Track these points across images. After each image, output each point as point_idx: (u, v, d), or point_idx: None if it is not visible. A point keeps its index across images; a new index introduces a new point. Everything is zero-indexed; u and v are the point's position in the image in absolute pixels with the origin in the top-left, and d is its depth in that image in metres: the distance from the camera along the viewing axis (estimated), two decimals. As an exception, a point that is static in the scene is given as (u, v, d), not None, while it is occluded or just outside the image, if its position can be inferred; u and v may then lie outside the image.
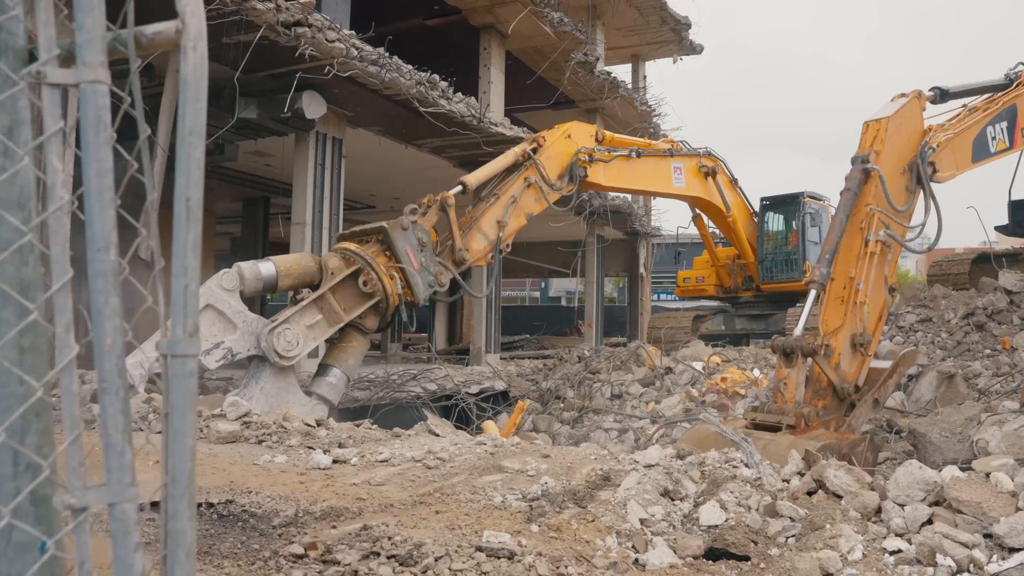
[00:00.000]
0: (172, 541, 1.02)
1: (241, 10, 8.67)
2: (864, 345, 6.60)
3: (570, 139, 10.13)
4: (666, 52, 22.51)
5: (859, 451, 5.96)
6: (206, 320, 6.96)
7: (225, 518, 3.74)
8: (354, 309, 7.78)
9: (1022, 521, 3.57)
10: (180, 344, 1.13)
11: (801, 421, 6.13)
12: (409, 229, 8.05)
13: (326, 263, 7.71)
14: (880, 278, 6.78)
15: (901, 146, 7.14)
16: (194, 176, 1.18)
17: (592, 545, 3.58)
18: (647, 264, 23.19)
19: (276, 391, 7.21)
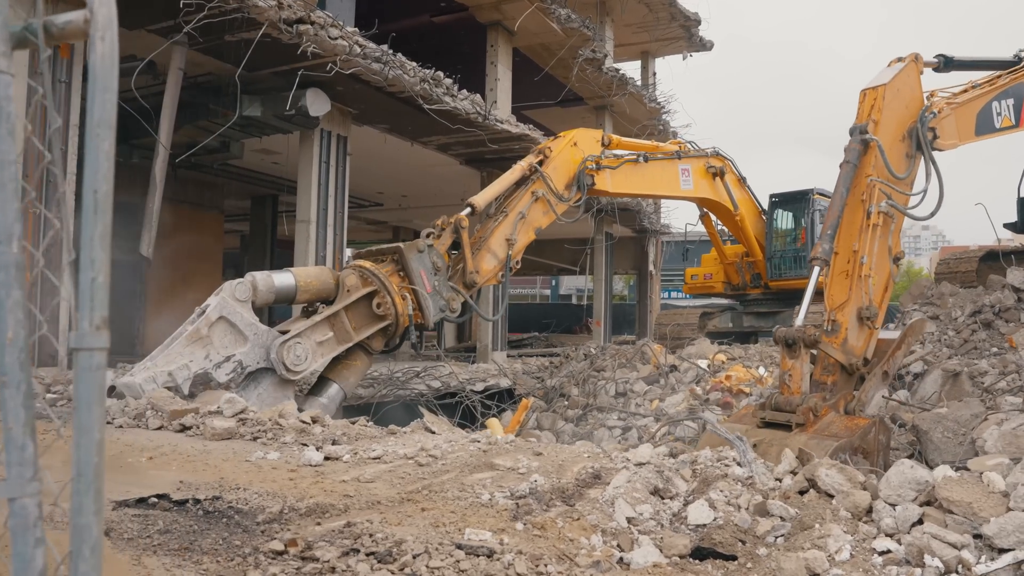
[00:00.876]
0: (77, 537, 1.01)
1: (243, 7, 8.69)
2: (871, 318, 6.56)
3: (576, 147, 10.10)
4: (676, 49, 22.40)
5: (870, 438, 5.92)
6: (218, 332, 7.01)
7: (211, 514, 3.74)
8: (364, 329, 7.81)
9: (1012, 521, 3.52)
10: (87, 338, 1.12)
11: (810, 416, 6.07)
12: (425, 252, 8.12)
13: (343, 280, 7.76)
14: (884, 249, 6.72)
15: (900, 113, 7.05)
16: (103, 168, 1.16)
17: (576, 544, 3.55)
18: (656, 262, 23.11)
19: (272, 400, 7.25)
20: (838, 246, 6.71)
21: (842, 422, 6.10)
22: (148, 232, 8.75)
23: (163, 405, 6.10)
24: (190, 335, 6.87)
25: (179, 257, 16.92)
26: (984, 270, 10.71)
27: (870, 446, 5.85)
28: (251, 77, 10.48)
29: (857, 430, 5.89)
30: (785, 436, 5.98)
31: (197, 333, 6.88)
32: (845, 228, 6.76)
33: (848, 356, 6.48)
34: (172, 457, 5.00)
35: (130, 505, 3.78)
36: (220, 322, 6.98)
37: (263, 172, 16.53)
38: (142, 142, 11.57)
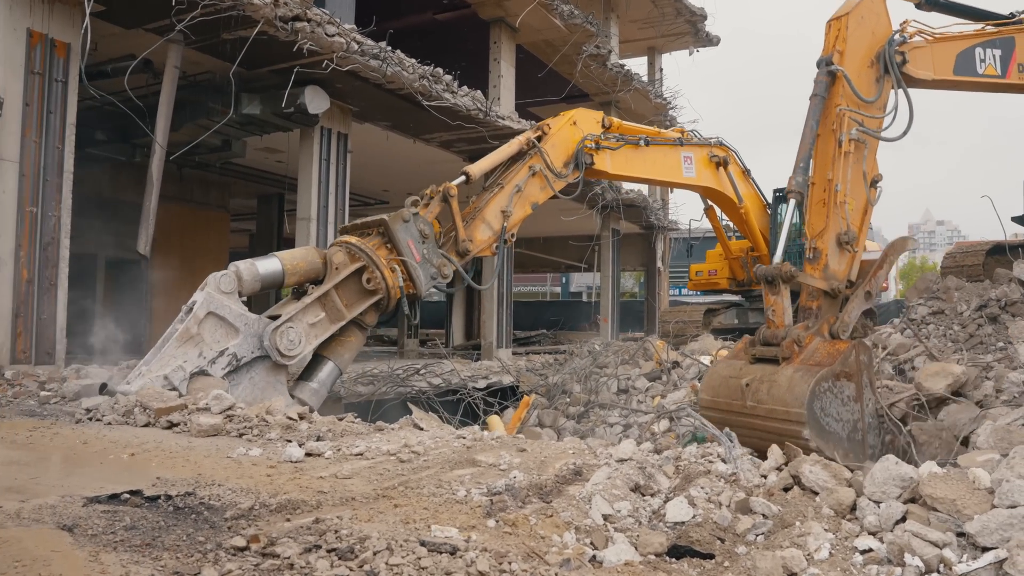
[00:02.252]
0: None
1: (238, 5, 8.67)
2: (850, 242, 6.77)
3: (575, 126, 9.99)
4: (682, 44, 22.27)
5: (851, 361, 6.14)
6: (208, 328, 6.95)
7: (181, 510, 3.71)
8: (356, 306, 7.76)
9: (995, 519, 3.43)
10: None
11: (794, 347, 6.30)
12: (410, 221, 7.99)
13: (331, 259, 7.68)
14: (858, 175, 6.86)
15: (866, 40, 7.11)
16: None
17: (547, 541, 3.49)
18: (665, 258, 22.99)
19: (264, 385, 7.21)
20: (814, 177, 6.88)
21: (825, 348, 6.30)
22: (145, 230, 8.75)
23: (151, 403, 6.08)
24: (180, 335, 6.81)
25: (185, 257, 16.97)
26: (991, 264, 10.55)
27: (852, 368, 6.08)
28: (250, 75, 10.47)
29: (838, 356, 6.09)
30: (774, 371, 6.23)
31: (187, 332, 6.82)
32: (819, 159, 6.90)
33: (830, 281, 6.69)
34: (154, 454, 4.98)
35: (101, 501, 3.75)
36: (209, 318, 6.92)
37: (268, 171, 16.55)
38: (144, 141, 11.58)
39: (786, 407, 5.95)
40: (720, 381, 6.65)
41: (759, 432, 6.16)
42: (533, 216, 21.58)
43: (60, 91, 8.31)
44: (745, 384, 6.30)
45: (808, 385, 5.83)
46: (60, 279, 8.28)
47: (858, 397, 6.12)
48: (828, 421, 5.96)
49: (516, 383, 13.38)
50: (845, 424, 6.05)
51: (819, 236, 6.76)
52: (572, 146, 9.77)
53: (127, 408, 6.13)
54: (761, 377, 6.22)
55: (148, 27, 9.23)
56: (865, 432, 6.17)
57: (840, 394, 6.04)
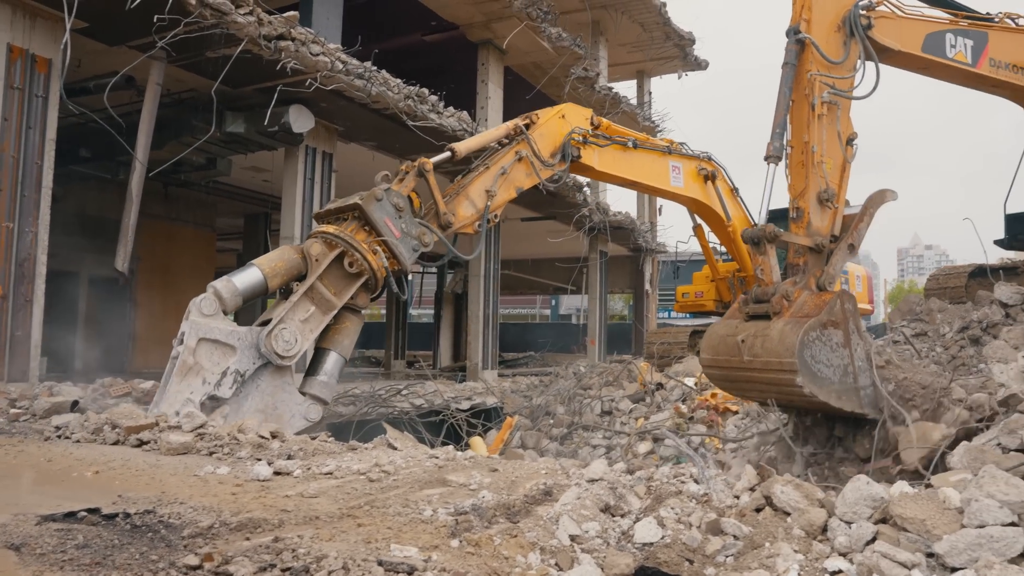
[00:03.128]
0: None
1: (221, 24, 8.68)
2: (830, 199, 7.05)
3: (564, 119, 9.98)
4: (671, 68, 22.44)
5: (837, 310, 6.46)
6: (204, 354, 6.89)
7: (138, 528, 3.63)
8: (345, 292, 7.72)
9: (964, 539, 3.38)
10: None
11: (783, 302, 6.65)
12: (384, 198, 7.89)
13: (308, 251, 7.61)
14: (833, 135, 7.13)
15: (833, 6, 7.34)
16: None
17: (511, 561, 3.43)
18: (653, 280, 22.99)
19: (272, 390, 7.21)
20: (792, 141, 7.19)
21: (812, 301, 6.65)
22: (124, 247, 8.69)
23: (121, 420, 5.99)
24: (179, 369, 6.75)
25: (170, 275, 16.90)
26: (973, 286, 10.58)
27: (838, 317, 6.41)
28: (234, 93, 10.47)
29: (824, 306, 6.43)
30: (767, 326, 6.56)
31: (185, 365, 6.76)
32: (795, 124, 7.19)
33: (814, 237, 6.99)
34: (120, 472, 4.89)
35: (56, 520, 3.67)
36: (201, 344, 6.85)
37: (255, 190, 16.54)
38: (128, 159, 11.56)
39: (779, 358, 6.28)
40: (718, 340, 6.98)
41: (758, 384, 6.63)
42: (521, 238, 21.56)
43: (40, 107, 8.28)
44: (740, 340, 6.63)
45: (797, 335, 6.15)
46: (36, 295, 8.20)
47: (846, 343, 6.42)
48: (819, 367, 6.26)
49: (500, 404, 13.30)
50: (836, 369, 6.36)
51: (800, 196, 7.07)
52: (559, 138, 9.77)
53: (97, 426, 6.04)
54: (755, 332, 6.55)
55: (131, 44, 9.22)
56: (856, 375, 6.44)
57: (828, 341, 6.35)
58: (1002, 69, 8.75)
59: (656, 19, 19.68)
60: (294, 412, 7.36)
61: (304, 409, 7.42)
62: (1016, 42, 8.90)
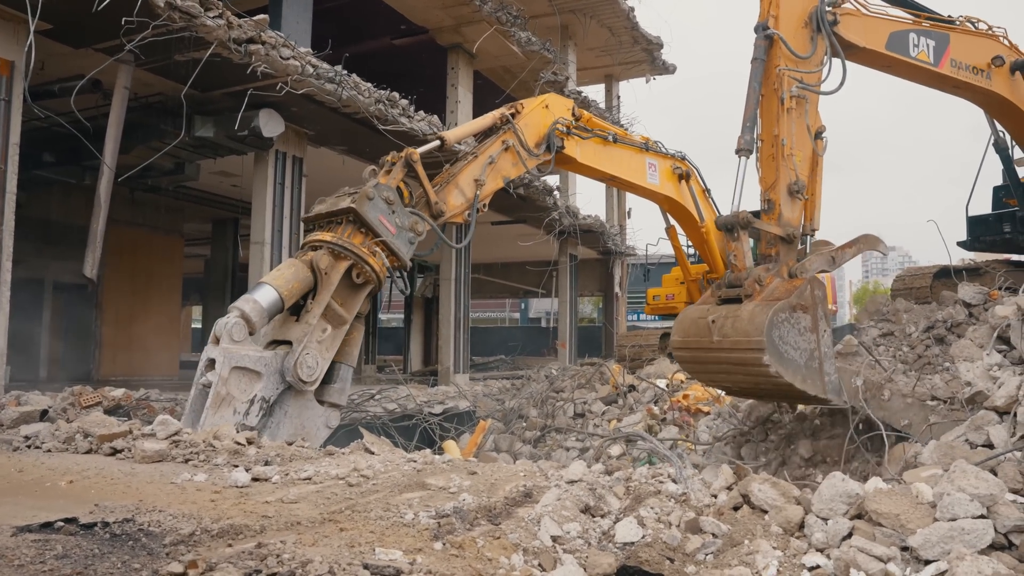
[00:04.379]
0: None
1: (190, 27, 8.60)
2: (800, 191, 7.19)
3: (548, 109, 10.00)
4: (639, 72, 22.62)
5: (807, 295, 6.58)
6: (234, 383, 6.75)
7: (118, 537, 3.59)
8: (353, 304, 7.63)
9: (936, 532, 3.47)
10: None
11: (755, 286, 6.76)
12: (375, 196, 7.77)
13: (317, 264, 7.43)
14: (802, 128, 7.26)
15: (799, 2, 7.49)
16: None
17: (495, 563, 3.45)
18: (622, 283, 23.14)
19: (298, 411, 7.14)
20: (762, 135, 7.32)
21: (783, 286, 6.80)
22: (92, 253, 8.56)
23: (93, 429, 5.91)
24: (213, 401, 6.59)
25: (137, 281, 16.66)
26: (937, 287, 10.81)
27: (807, 302, 6.55)
28: (204, 97, 10.37)
29: (795, 290, 6.58)
30: (738, 308, 6.65)
31: (219, 397, 6.61)
32: (765, 118, 7.32)
33: (785, 228, 7.11)
34: (95, 481, 4.82)
35: (32, 530, 3.61)
36: (233, 373, 6.71)
37: (223, 195, 16.37)
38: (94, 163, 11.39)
39: (747, 336, 6.38)
40: (689, 323, 7.08)
41: (725, 365, 6.75)
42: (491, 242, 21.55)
43: (3, 110, 8.13)
44: (711, 321, 6.72)
45: (767, 315, 6.27)
46: (1, 303, 8.05)
47: (814, 328, 6.54)
48: (786, 349, 6.37)
49: (473, 408, 13.29)
50: (802, 352, 6.46)
51: (771, 188, 7.20)
52: (543, 128, 9.80)
53: (68, 435, 5.95)
54: (726, 314, 6.65)
55: (97, 47, 9.10)
56: (822, 361, 6.56)
57: (797, 324, 6.46)
58: (963, 70, 8.98)
59: (624, 23, 19.85)
60: (318, 425, 7.33)
61: (325, 418, 7.40)
62: (976, 45, 9.14)
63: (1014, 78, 9.64)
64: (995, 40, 9.33)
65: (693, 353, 7.06)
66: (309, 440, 7.31)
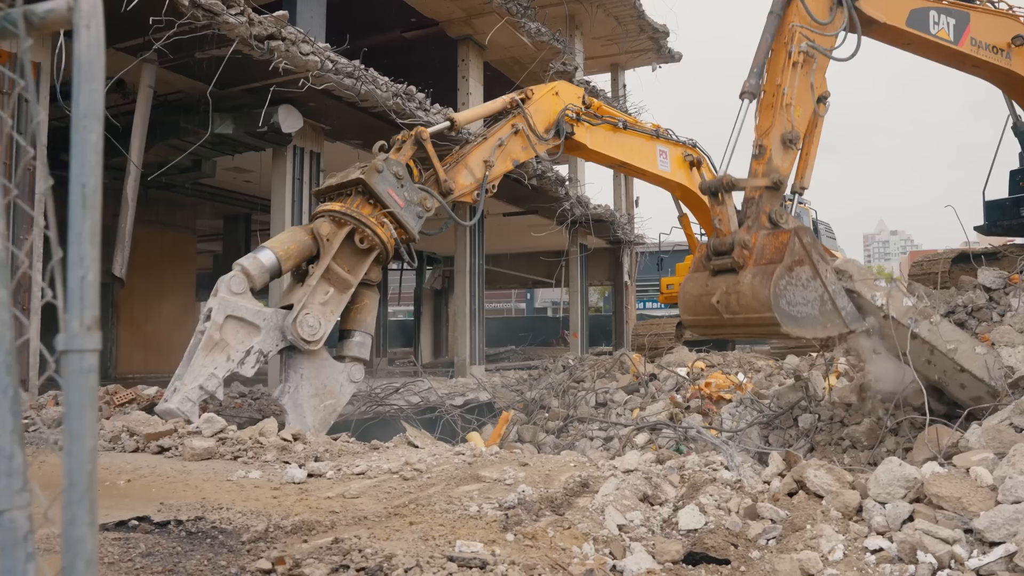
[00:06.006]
0: (70, 550, 0.96)
1: (213, 24, 8.61)
2: (794, 141, 7.15)
3: (558, 96, 10.07)
4: (645, 60, 22.59)
5: (798, 248, 6.43)
6: (230, 332, 6.97)
7: (194, 535, 3.65)
8: (359, 269, 7.75)
9: (1002, 515, 3.53)
10: (77, 338, 1.06)
11: (743, 251, 6.70)
12: (384, 169, 7.89)
13: (318, 231, 7.60)
14: (805, 86, 7.24)
15: None
16: (90, 161, 1.11)
17: (568, 552, 3.51)
18: (631, 272, 23.18)
19: (315, 371, 7.33)
20: (765, 86, 7.29)
21: (771, 244, 6.67)
22: (121, 252, 8.60)
23: (139, 428, 5.97)
24: (205, 344, 6.81)
25: (151, 280, 16.69)
26: (956, 272, 10.84)
27: (800, 255, 6.44)
28: (222, 94, 10.38)
29: (784, 249, 6.47)
30: (736, 280, 6.64)
31: (211, 340, 6.82)
32: (771, 71, 7.31)
33: (771, 175, 7.02)
34: (151, 479, 4.89)
35: (109, 528, 3.67)
36: (228, 321, 6.92)
37: (236, 191, 16.38)
38: (112, 162, 11.38)
39: (758, 313, 6.40)
40: (694, 301, 7.11)
41: (742, 334, 6.96)
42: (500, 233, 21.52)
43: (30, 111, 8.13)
44: (716, 302, 6.75)
45: (768, 290, 6.25)
46: (33, 304, 8.09)
47: (815, 274, 6.48)
48: (798, 309, 6.36)
49: (492, 399, 13.37)
50: (813, 303, 6.43)
51: (765, 135, 7.16)
52: (553, 114, 9.87)
53: (114, 434, 6.01)
54: (727, 290, 6.67)
55: (119, 46, 9.11)
56: (833, 298, 6.50)
57: (798, 280, 6.42)
58: (983, 49, 8.98)
59: (631, 12, 19.81)
60: (340, 380, 7.52)
61: (347, 373, 7.59)
62: (996, 24, 9.14)
63: None
64: (1016, 20, 9.34)
65: (707, 329, 7.26)
66: (333, 397, 7.55)
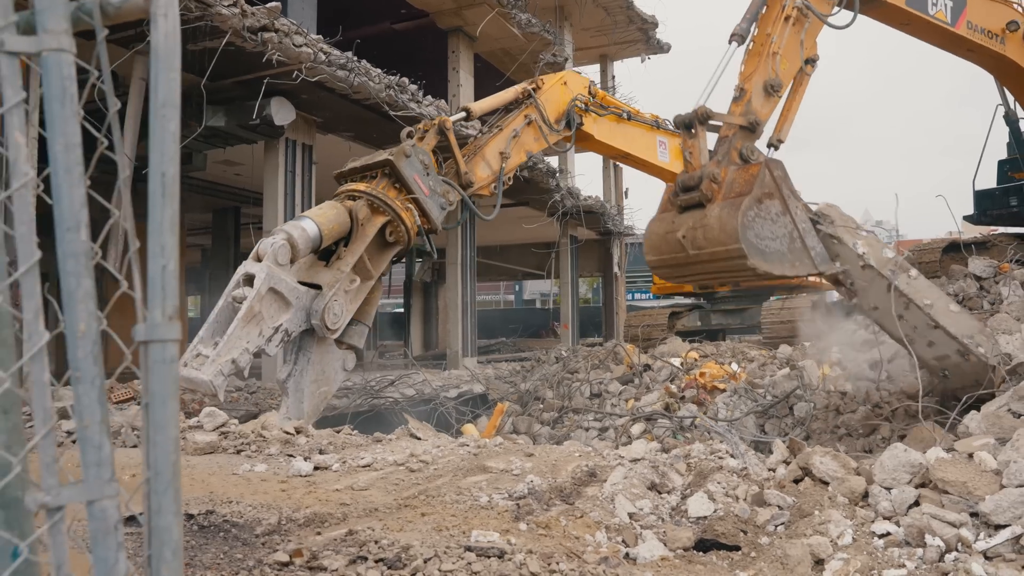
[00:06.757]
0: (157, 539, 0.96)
1: (206, 16, 8.55)
2: (775, 88, 7.02)
3: (566, 86, 10.06)
4: (634, 51, 22.59)
5: (767, 181, 6.31)
6: (267, 305, 6.62)
7: (206, 528, 3.65)
8: (381, 263, 7.59)
9: (1007, 498, 3.59)
10: (160, 328, 1.07)
11: (711, 184, 6.52)
12: (412, 155, 7.74)
13: (356, 213, 7.35)
14: (794, 41, 7.16)
15: None
16: (169, 150, 1.11)
17: (582, 541, 3.54)
18: (621, 263, 23.24)
19: (320, 357, 7.15)
20: (756, 37, 7.19)
21: (740, 177, 6.52)
22: (115, 247, 8.53)
23: (139, 423, 5.94)
24: (245, 315, 6.40)
25: (139, 273, 16.56)
26: (947, 261, 10.94)
27: (770, 187, 6.32)
28: (215, 87, 10.30)
29: (754, 180, 6.31)
30: (703, 214, 6.45)
31: (251, 312, 6.43)
32: (763, 22, 7.21)
33: (748, 116, 6.88)
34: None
35: (121, 523, 3.66)
36: (269, 294, 6.59)
37: (225, 184, 16.28)
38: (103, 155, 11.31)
39: (724, 246, 6.21)
40: (659, 240, 6.90)
41: (707, 273, 6.63)
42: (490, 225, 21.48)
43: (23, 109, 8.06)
44: (681, 236, 6.54)
45: (736, 219, 6.08)
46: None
47: (785, 210, 6.36)
48: (766, 244, 6.21)
49: (486, 391, 13.39)
50: (782, 239, 6.31)
51: (747, 79, 7.05)
52: (563, 105, 9.84)
53: (115, 429, 5.98)
54: (693, 224, 6.46)
55: (111, 38, 8.98)
56: (803, 236, 6.40)
57: (768, 214, 6.29)
58: (978, 33, 9.08)
59: (620, 3, 19.77)
60: (336, 368, 7.34)
61: (342, 361, 7.40)
62: (992, 9, 9.25)
63: None
64: (1010, 6, 9.47)
65: (672, 269, 6.95)
66: (328, 384, 7.39)
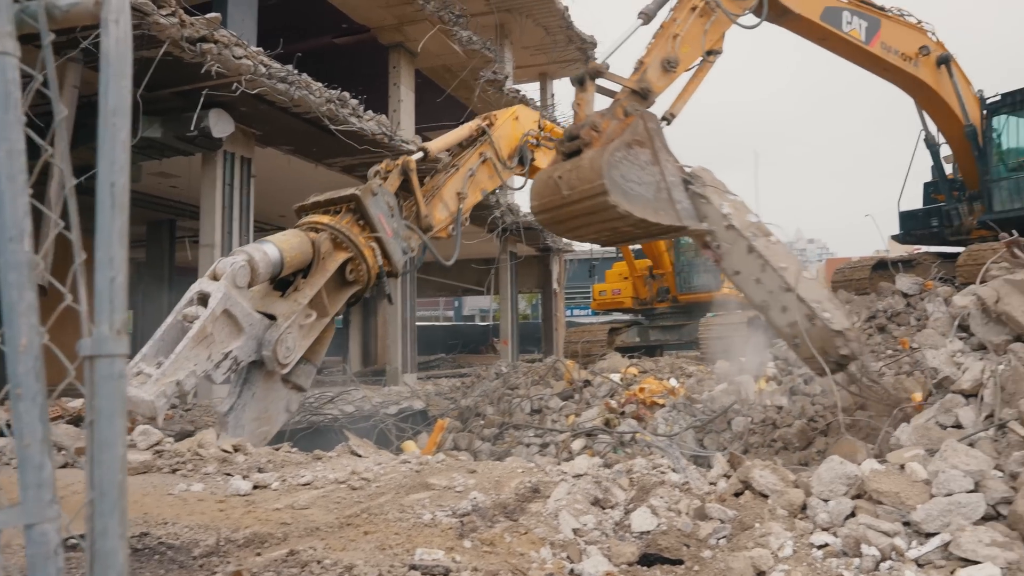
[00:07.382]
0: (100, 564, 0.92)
1: (143, 24, 8.35)
2: (672, 64, 7.26)
3: (517, 121, 10.08)
4: (573, 70, 22.79)
5: (640, 129, 6.54)
6: (220, 328, 6.28)
7: (140, 552, 3.52)
8: (337, 301, 7.36)
9: (936, 507, 3.71)
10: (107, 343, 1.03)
11: (591, 132, 6.72)
12: (379, 194, 7.62)
13: (319, 245, 7.12)
14: (699, 30, 7.41)
15: None
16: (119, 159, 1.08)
17: (527, 557, 3.52)
18: (560, 279, 23.40)
19: (264, 394, 6.86)
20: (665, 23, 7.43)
21: (617, 126, 6.73)
22: (44, 259, 8.22)
23: (66, 442, 5.73)
24: (196, 336, 6.07)
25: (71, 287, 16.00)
26: (876, 278, 11.34)
27: (642, 136, 6.53)
28: (151, 97, 10.06)
29: (627, 127, 6.55)
30: (580, 158, 6.61)
31: (203, 332, 6.11)
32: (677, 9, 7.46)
33: (641, 83, 7.07)
34: (84, 495, 4.69)
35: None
36: (223, 316, 6.27)
37: (160, 196, 15.88)
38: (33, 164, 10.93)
39: (590, 183, 6.36)
40: (541, 184, 7.02)
41: (581, 218, 6.68)
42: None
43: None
44: (558, 177, 6.69)
45: (603, 157, 6.26)
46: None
47: (655, 160, 6.54)
48: (631, 186, 6.36)
49: (426, 408, 13.29)
50: (648, 186, 6.48)
51: (647, 54, 7.25)
52: (515, 141, 9.85)
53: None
54: (570, 167, 6.64)
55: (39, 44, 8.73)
56: (669, 190, 6.57)
57: (636, 160, 6.46)
58: (892, 54, 9.53)
59: (560, 22, 20.07)
60: (279, 408, 7.06)
61: (286, 401, 7.13)
62: (905, 34, 9.75)
63: (940, 71, 10.27)
64: (923, 33, 9.95)
65: (551, 214, 7.00)
66: (269, 424, 7.11)
